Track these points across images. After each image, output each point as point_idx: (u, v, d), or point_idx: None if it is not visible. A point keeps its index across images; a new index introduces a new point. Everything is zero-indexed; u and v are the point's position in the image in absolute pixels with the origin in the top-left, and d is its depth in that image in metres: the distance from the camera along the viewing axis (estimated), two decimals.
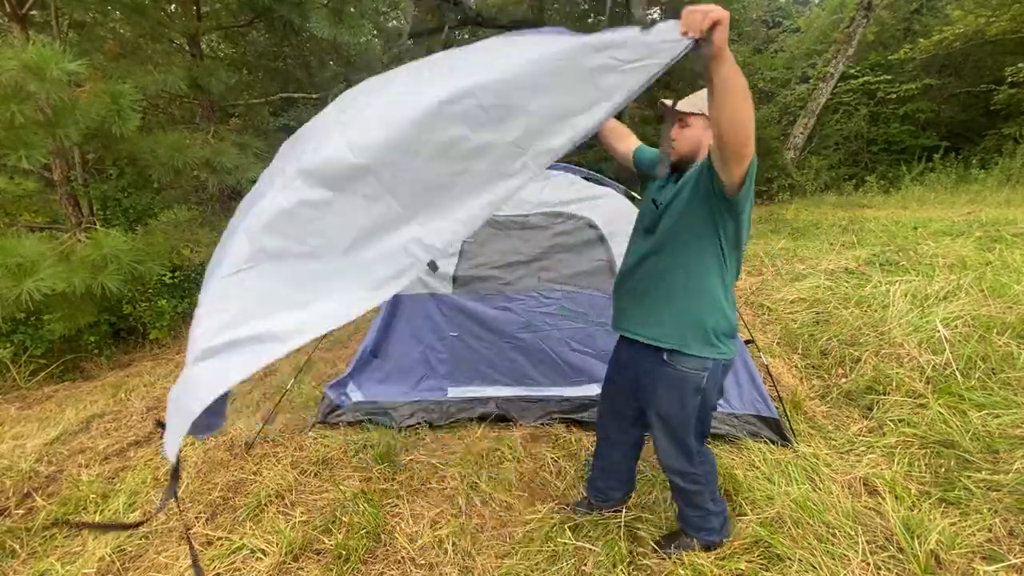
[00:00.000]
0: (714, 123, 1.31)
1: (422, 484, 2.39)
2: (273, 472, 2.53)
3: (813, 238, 5.95)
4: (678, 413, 1.66)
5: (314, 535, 2.06)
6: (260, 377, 3.97)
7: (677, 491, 1.83)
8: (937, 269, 3.81)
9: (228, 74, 5.67)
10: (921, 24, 11.75)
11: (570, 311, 3.03)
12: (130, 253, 3.61)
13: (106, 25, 5.61)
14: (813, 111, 10.60)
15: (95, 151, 5.26)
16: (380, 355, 3.14)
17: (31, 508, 2.41)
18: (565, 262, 3.06)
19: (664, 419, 1.70)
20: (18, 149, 3.05)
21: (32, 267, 3.11)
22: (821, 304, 3.75)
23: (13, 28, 4.20)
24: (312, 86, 8.07)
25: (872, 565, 1.70)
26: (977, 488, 1.95)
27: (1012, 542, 1.74)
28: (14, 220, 5.14)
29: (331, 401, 3.01)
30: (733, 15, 11.77)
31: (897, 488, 2.02)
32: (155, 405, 3.58)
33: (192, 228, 5.44)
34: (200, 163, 4.31)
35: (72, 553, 2.08)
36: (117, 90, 3.42)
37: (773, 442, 2.40)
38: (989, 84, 10.02)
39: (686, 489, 1.78)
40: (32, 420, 3.59)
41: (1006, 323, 2.85)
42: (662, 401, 1.68)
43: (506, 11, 15.63)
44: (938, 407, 2.40)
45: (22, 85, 2.98)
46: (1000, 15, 9.41)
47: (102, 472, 2.68)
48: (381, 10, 7.41)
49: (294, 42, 6.47)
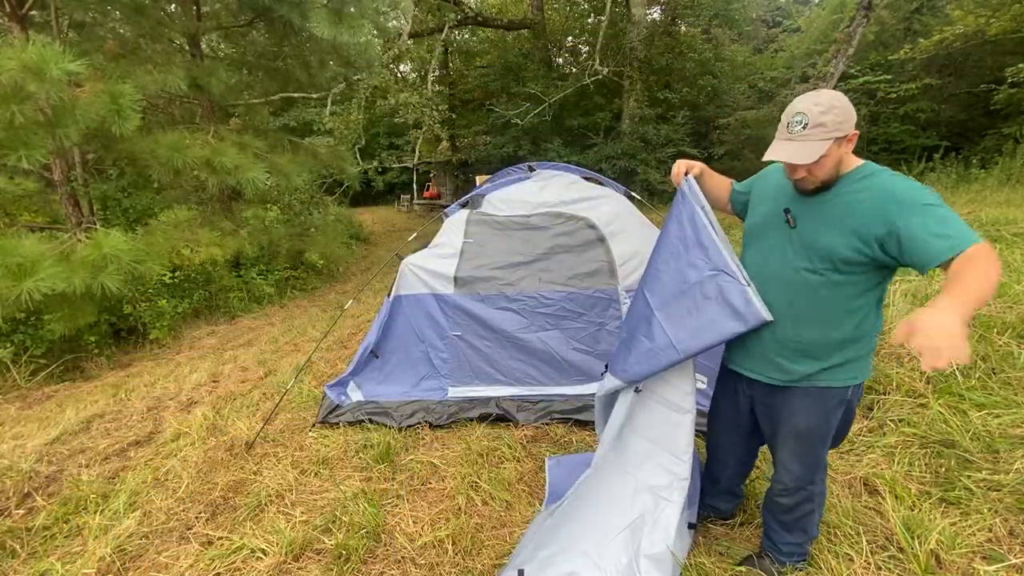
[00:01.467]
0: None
1: (422, 484, 2.40)
2: (273, 472, 2.53)
3: None
4: (820, 427, 1.50)
5: (314, 535, 2.06)
6: (260, 377, 3.97)
7: (783, 514, 1.66)
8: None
9: (228, 74, 5.68)
10: (921, 24, 11.75)
11: (571, 311, 3.03)
12: (130, 253, 3.61)
13: (106, 25, 5.61)
14: None
15: (95, 151, 5.26)
16: (380, 355, 3.13)
17: (31, 508, 2.41)
18: (565, 263, 3.06)
19: (803, 434, 1.52)
20: (18, 149, 3.05)
21: (32, 267, 3.12)
22: None
23: (13, 28, 4.20)
24: (312, 86, 8.06)
25: (872, 565, 1.70)
26: (977, 488, 1.95)
27: (1012, 542, 1.74)
28: (14, 220, 5.14)
29: (331, 401, 3.01)
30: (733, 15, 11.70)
31: (897, 488, 2.02)
32: (155, 405, 3.58)
33: (192, 228, 5.44)
34: (200, 163, 4.31)
35: (72, 553, 2.08)
36: (117, 90, 3.42)
37: None
38: (989, 84, 10.02)
39: (799, 511, 1.62)
40: (32, 420, 3.59)
41: (1006, 323, 2.85)
42: (801, 416, 1.50)
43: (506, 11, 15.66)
44: (938, 407, 2.39)
45: (22, 85, 2.99)
46: (1000, 15, 9.40)
47: (102, 472, 2.68)
48: (381, 10, 7.39)
49: (294, 42, 6.47)
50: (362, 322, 5.14)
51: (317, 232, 8.36)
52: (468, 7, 12.71)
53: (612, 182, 3.23)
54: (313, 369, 3.91)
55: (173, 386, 3.98)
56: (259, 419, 3.11)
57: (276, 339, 5.16)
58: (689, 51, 12.33)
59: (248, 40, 7.03)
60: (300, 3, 5.37)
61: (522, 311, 3.04)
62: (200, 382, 4.00)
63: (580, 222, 3.08)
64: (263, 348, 4.87)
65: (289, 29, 5.93)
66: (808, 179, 1.38)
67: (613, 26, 12.15)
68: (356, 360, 3.12)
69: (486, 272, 3.10)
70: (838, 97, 1.32)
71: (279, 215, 8.78)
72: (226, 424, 3.11)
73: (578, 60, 15.27)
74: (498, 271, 3.10)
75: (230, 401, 3.49)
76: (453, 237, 3.18)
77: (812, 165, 1.33)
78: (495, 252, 3.13)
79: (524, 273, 3.10)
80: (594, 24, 13.85)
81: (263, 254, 7.76)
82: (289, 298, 7.69)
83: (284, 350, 4.74)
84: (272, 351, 4.74)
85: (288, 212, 8.86)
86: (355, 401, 3.03)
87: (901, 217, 1.24)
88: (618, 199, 3.11)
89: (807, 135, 1.31)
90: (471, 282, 3.09)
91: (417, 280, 3.09)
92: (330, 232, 8.67)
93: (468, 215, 3.22)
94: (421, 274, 3.09)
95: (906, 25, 12.15)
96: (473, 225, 3.20)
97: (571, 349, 3.00)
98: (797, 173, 1.39)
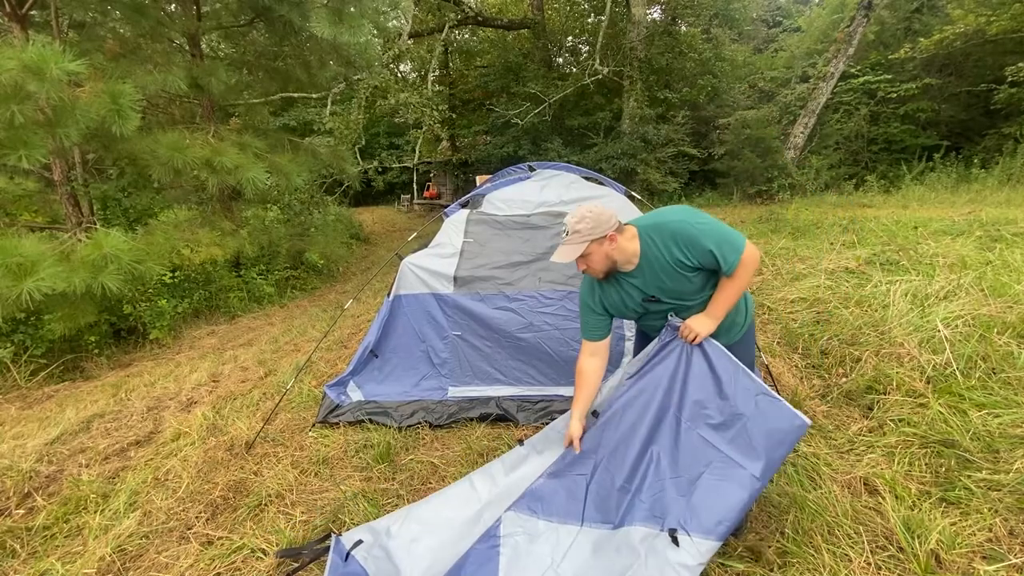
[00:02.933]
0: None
1: (422, 484, 2.39)
2: (273, 472, 2.53)
3: (813, 238, 5.94)
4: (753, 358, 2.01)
5: (314, 535, 2.06)
6: (260, 377, 3.97)
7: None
8: (937, 269, 3.80)
9: (228, 74, 5.67)
10: (921, 23, 11.75)
11: (571, 311, 3.03)
12: (130, 253, 3.61)
13: (106, 25, 5.61)
14: (813, 111, 10.60)
15: (95, 151, 5.26)
16: (380, 355, 3.13)
17: (31, 508, 2.41)
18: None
19: (747, 364, 1.91)
20: (18, 149, 3.05)
21: (32, 267, 3.11)
22: (821, 304, 3.75)
23: (13, 28, 4.20)
24: (312, 86, 8.06)
25: (872, 565, 1.69)
26: (977, 488, 1.95)
27: (1012, 542, 1.73)
28: (14, 220, 5.14)
29: (331, 401, 3.01)
30: (733, 14, 11.68)
31: (897, 488, 2.02)
32: (155, 405, 3.59)
33: (192, 228, 5.44)
34: (200, 163, 4.30)
35: (72, 553, 2.08)
36: (117, 90, 3.42)
37: None
38: (989, 83, 10.02)
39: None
40: (32, 420, 3.60)
41: (1006, 322, 2.85)
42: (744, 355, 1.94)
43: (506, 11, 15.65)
44: (938, 407, 2.39)
45: (22, 85, 2.98)
46: (1000, 14, 9.41)
47: (102, 472, 2.68)
48: (381, 10, 7.39)
49: (294, 42, 6.46)
50: (362, 322, 5.14)
51: (317, 232, 8.36)
52: (468, 7, 12.71)
53: (612, 182, 3.23)
54: (313, 369, 3.91)
55: (173, 386, 3.98)
56: (259, 419, 3.11)
57: (276, 339, 5.16)
58: (689, 51, 12.32)
59: (248, 40, 7.03)
60: (300, 3, 5.37)
61: (522, 311, 3.04)
62: (200, 382, 4.00)
63: None
64: (263, 348, 4.87)
65: (289, 29, 5.93)
66: (590, 271, 1.78)
67: (613, 26, 12.15)
68: (356, 360, 3.12)
69: (486, 272, 3.10)
70: (591, 209, 1.71)
71: (279, 215, 8.79)
72: (226, 424, 3.11)
73: (578, 60, 15.26)
74: (498, 271, 3.10)
75: (230, 401, 3.49)
76: (453, 237, 3.18)
77: (583, 260, 1.74)
78: (495, 252, 3.13)
79: (524, 273, 3.10)
80: (594, 24, 13.85)
81: (263, 254, 7.76)
82: (289, 298, 7.70)
83: (284, 350, 4.74)
84: (272, 351, 4.74)
85: (288, 212, 8.86)
86: (355, 401, 3.03)
87: (687, 255, 1.67)
88: (618, 199, 3.11)
89: (570, 239, 1.71)
90: (471, 282, 3.09)
91: (417, 280, 3.09)
92: (330, 232, 8.69)
93: (468, 215, 3.22)
94: (421, 274, 3.09)
95: (906, 25, 12.15)
96: (473, 225, 3.20)
97: (571, 349, 3.00)
98: (579, 267, 1.78)
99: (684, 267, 1.69)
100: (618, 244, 1.72)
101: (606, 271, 1.78)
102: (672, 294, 1.77)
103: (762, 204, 9.81)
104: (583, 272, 1.81)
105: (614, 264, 1.76)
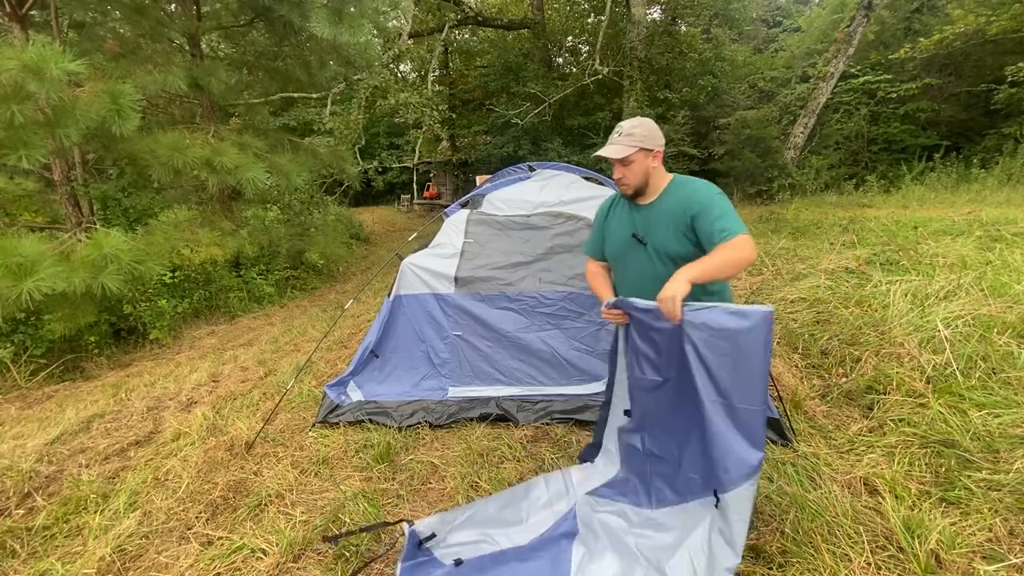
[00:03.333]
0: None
1: (422, 484, 2.39)
2: (273, 472, 2.53)
3: (813, 237, 5.94)
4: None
5: (314, 535, 2.06)
6: (260, 377, 3.98)
7: None
8: (937, 269, 3.80)
9: (228, 74, 5.68)
10: (921, 23, 11.75)
11: (571, 311, 3.03)
12: (130, 253, 3.61)
13: (106, 25, 5.61)
14: (813, 110, 10.60)
15: (95, 151, 5.26)
16: (381, 355, 3.13)
17: (31, 508, 2.41)
18: (566, 263, 3.06)
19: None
20: (18, 149, 3.05)
21: (32, 267, 3.11)
22: (821, 304, 3.75)
23: (13, 28, 4.20)
24: (312, 86, 8.06)
25: (872, 565, 1.69)
26: (977, 488, 1.95)
27: (1012, 542, 1.73)
28: (14, 220, 5.14)
29: (331, 401, 3.01)
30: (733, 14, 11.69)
31: (897, 488, 2.02)
32: (155, 405, 3.59)
33: (192, 228, 5.44)
34: (200, 163, 4.30)
35: (72, 553, 2.08)
36: (117, 90, 3.42)
37: (773, 442, 2.39)
38: (989, 83, 10.02)
39: None
40: (32, 420, 3.60)
41: (1006, 322, 2.85)
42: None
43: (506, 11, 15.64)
44: (938, 407, 2.39)
45: (22, 85, 2.98)
46: (1000, 14, 9.41)
47: (102, 472, 2.68)
48: (381, 10, 7.39)
49: (294, 42, 6.46)
50: (362, 322, 5.14)
51: (317, 232, 8.36)
52: (468, 7, 12.70)
53: (612, 182, 3.22)
54: (313, 369, 3.91)
55: (173, 386, 3.98)
56: (259, 419, 3.11)
57: (276, 339, 5.16)
58: (689, 51, 12.33)
59: (248, 40, 7.03)
60: (300, 3, 5.37)
61: (522, 311, 3.05)
62: (200, 382, 4.00)
63: (580, 222, 3.08)
64: (263, 348, 4.87)
65: (289, 29, 5.93)
66: (624, 180, 1.84)
67: (613, 26, 12.15)
68: (356, 360, 3.12)
69: (486, 272, 3.10)
70: (648, 121, 1.83)
71: (279, 215, 8.78)
72: (226, 424, 3.11)
73: (578, 60, 15.27)
74: (498, 271, 3.10)
75: (230, 401, 3.49)
76: (453, 237, 3.18)
77: (625, 168, 1.81)
78: (495, 252, 3.13)
79: (524, 273, 3.10)
80: (594, 24, 13.85)
81: (263, 254, 7.76)
82: (289, 298, 7.70)
83: (284, 350, 4.74)
84: (272, 351, 4.74)
85: (288, 212, 8.86)
86: (355, 401, 3.03)
87: (696, 212, 1.71)
88: None
89: (620, 141, 1.80)
90: (471, 282, 3.09)
91: (417, 280, 3.09)
92: (330, 232, 8.68)
93: (468, 215, 3.22)
94: (421, 274, 3.09)
95: (906, 25, 12.15)
96: (473, 225, 3.20)
97: (571, 349, 3.00)
98: (616, 173, 1.85)
99: (684, 227, 1.74)
100: (659, 166, 1.83)
101: (636, 188, 1.85)
102: (657, 245, 1.82)
103: (762, 204, 9.81)
104: (618, 180, 1.87)
105: (646, 185, 1.84)
